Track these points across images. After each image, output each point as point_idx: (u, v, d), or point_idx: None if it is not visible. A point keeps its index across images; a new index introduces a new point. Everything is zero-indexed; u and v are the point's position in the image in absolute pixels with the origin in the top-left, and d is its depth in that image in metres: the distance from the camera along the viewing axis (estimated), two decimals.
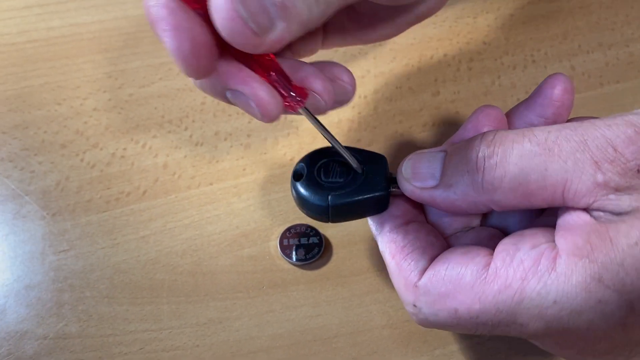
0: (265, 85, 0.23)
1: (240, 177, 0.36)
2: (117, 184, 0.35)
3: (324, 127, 0.26)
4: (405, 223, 0.28)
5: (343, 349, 0.31)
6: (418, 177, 0.26)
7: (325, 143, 0.36)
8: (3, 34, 0.42)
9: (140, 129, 0.38)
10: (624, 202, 0.23)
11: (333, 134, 0.27)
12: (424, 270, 0.25)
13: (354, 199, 0.27)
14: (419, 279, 0.25)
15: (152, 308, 0.31)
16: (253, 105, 0.23)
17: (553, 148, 0.23)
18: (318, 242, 0.33)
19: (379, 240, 0.28)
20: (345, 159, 0.28)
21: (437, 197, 0.26)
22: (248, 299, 0.32)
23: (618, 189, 0.22)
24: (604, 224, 0.23)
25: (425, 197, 0.26)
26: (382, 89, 0.40)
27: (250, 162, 0.36)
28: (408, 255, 0.26)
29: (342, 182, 0.28)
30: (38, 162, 0.36)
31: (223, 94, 0.24)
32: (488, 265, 0.24)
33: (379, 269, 0.33)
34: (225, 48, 0.22)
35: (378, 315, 0.32)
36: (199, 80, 0.24)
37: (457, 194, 0.25)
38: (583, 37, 0.43)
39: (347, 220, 0.29)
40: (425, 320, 0.26)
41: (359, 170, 0.28)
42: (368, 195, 0.27)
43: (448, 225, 0.28)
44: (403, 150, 0.37)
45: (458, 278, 0.24)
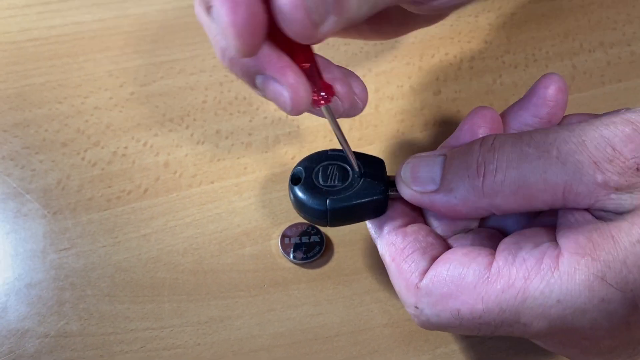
0: (301, 77, 0.22)
1: (242, 175, 0.36)
2: (118, 183, 0.35)
3: (340, 129, 0.26)
4: (404, 225, 0.27)
5: (344, 348, 0.31)
6: (417, 181, 0.26)
7: (326, 143, 0.36)
8: (4, 32, 0.42)
9: (142, 128, 0.38)
10: (625, 201, 0.23)
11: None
12: (425, 271, 0.25)
13: (353, 203, 0.27)
14: (420, 280, 0.25)
15: (153, 306, 0.31)
16: (285, 95, 0.22)
17: (551, 150, 0.23)
18: (319, 240, 0.33)
19: (378, 243, 0.28)
20: (348, 163, 0.28)
21: (437, 201, 0.26)
22: (249, 298, 0.32)
23: (619, 188, 0.22)
24: (606, 223, 0.23)
25: (425, 201, 0.26)
26: (383, 88, 0.40)
27: (252, 160, 0.36)
28: (408, 257, 0.26)
29: (340, 186, 0.27)
30: (39, 160, 0.36)
31: (253, 78, 0.23)
32: (490, 265, 0.24)
33: (380, 268, 0.33)
34: (270, 32, 0.21)
35: (379, 314, 0.32)
36: (231, 60, 0.23)
37: (457, 199, 0.25)
38: (584, 36, 0.43)
39: (345, 224, 0.29)
40: (427, 322, 0.25)
41: (359, 175, 0.28)
42: (367, 199, 0.27)
43: (447, 227, 0.28)
44: (404, 149, 0.37)
45: (460, 278, 0.24)
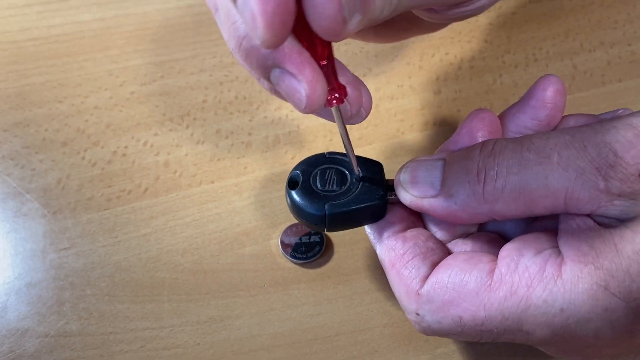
0: (320, 74, 0.22)
1: (242, 175, 0.36)
2: (118, 182, 0.35)
3: (347, 131, 0.26)
4: (403, 230, 0.27)
5: (344, 348, 0.31)
6: (417, 186, 0.26)
7: (326, 143, 0.36)
8: (4, 32, 0.42)
9: (142, 127, 0.38)
10: (628, 208, 0.22)
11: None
12: (426, 278, 0.25)
13: (352, 209, 0.27)
14: (421, 287, 0.25)
15: (153, 306, 0.31)
16: (301, 92, 0.21)
17: (552, 155, 0.23)
18: (319, 240, 0.33)
19: (377, 248, 0.28)
20: (346, 166, 0.27)
21: (437, 206, 0.25)
22: (249, 298, 0.32)
23: (621, 195, 0.22)
24: (608, 230, 0.22)
25: (425, 206, 0.26)
26: (383, 87, 0.40)
27: (252, 160, 0.36)
28: (408, 263, 0.26)
29: (338, 190, 0.27)
30: (39, 160, 0.36)
31: (268, 71, 0.22)
32: (492, 272, 0.24)
33: (380, 268, 0.33)
34: (293, 26, 0.21)
35: (379, 314, 0.32)
36: (248, 51, 0.22)
37: (457, 204, 0.25)
38: (585, 35, 0.43)
39: (344, 229, 0.28)
40: (428, 328, 0.25)
41: (357, 179, 0.27)
42: (366, 204, 0.27)
43: (446, 232, 0.28)
44: (404, 149, 0.37)
45: (462, 285, 0.24)
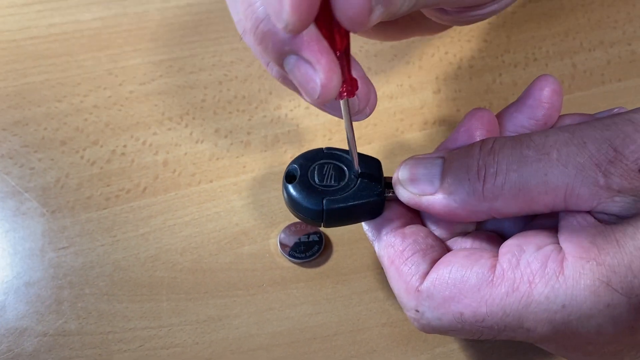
0: (337, 65, 0.21)
1: (241, 174, 0.36)
2: (117, 181, 0.35)
3: (352, 126, 0.25)
4: (402, 226, 0.27)
5: (342, 347, 0.31)
6: (415, 183, 0.26)
7: (325, 142, 0.36)
8: (3, 31, 0.42)
9: (141, 126, 0.38)
10: (628, 204, 0.22)
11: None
12: (426, 274, 0.25)
13: (350, 204, 0.27)
14: (421, 284, 0.25)
15: (151, 305, 0.31)
16: (316, 81, 0.21)
17: (551, 152, 0.23)
18: (318, 240, 0.33)
19: (376, 245, 0.28)
20: (344, 162, 0.27)
21: (435, 204, 0.25)
22: (248, 297, 0.32)
23: (621, 191, 0.22)
24: (609, 226, 0.22)
25: (424, 204, 0.26)
26: (383, 87, 0.40)
27: (251, 159, 0.36)
28: (408, 259, 0.26)
29: (337, 186, 0.27)
30: (38, 159, 0.36)
31: (282, 57, 0.21)
32: (494, 268, 0.24)
33: (379, 267, 0.33)
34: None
35: (378, 314, 0.31)
36: (266, 34, 0.21)
37: (457, 202, 0.25)
38: (585, 35, 0.43)
39: (340, 225, 0.28)
40: (428, 326, 0.25)
41: (355, 175, 0.27)
42: (364, 201, 0.27)
43: (445, 230, 0.28)
44: (403, 148, 0.37)
45: (463, 281, 0.24)
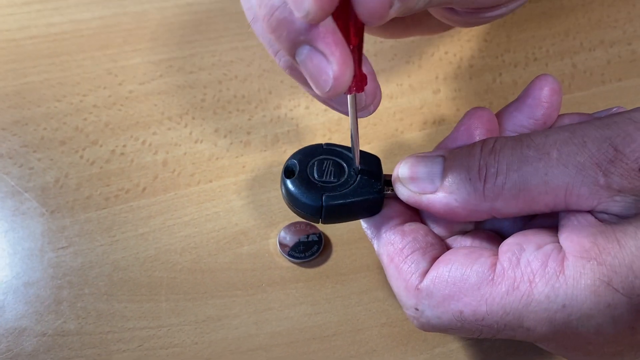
0: (350, 58, 0.21)
1: (240, 174, 0.36)
2: (116, 181, 0.35)
3: (357, 122, 0.25)
4: (401, 224, 0.27)
5: (342, 347, 0.30)
6: (416, 181, 0.26)
7: (324, 141, 0.36)
8: (3, 30, 0.42)
9: (140, 126, 0.37)
10: (629, 204, 0.22)
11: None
12: (425, 272, 0.25)
13: (349, 201, 0.26)
14: (421, 282, 0.25)
15: (150, 305, 0.31)
16: (329, 73, 0.20)
17: (551, 152, 0.23)
18: (317, 239, 0.33)
19: (375, 243, 0.28)
20: (344, 158, 0.27)
21: (436, 203, 0.25)
22: (247, 297, 0.32)
23: (622, 190, 0.22)
24: (610, 226, 0.22)
25: (424, 202, 0.26)
26: (382, 87, 0.40)
27: (250, 159, 0.36)
28: (408, 258, 0.26)
29: (336, 182, 0.27)
30: (37, 158, 0.36)
31: (295, 47, 0.21)
32: (494, 266, 0.23)
33: (379, 267, 0.33)
34: None
35: (377, 314, 0.31)
36: (281, 22, 0.21)
37: (457, 201, 0.25)
38: (585, 34, 0.43)
39: (338, 222, 0.28)
40: (427, 324, 0.25)
41: (355, 172, 0.27)
42: (364, 198, 0.27)
43: (444, 229, 0.28)
44: (403, 148, 0.37)
45: (463, 279, 0.24)
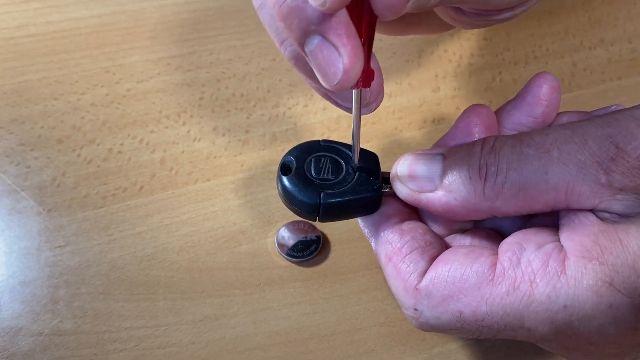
0: (361, 51, 0.20)
1: (238, 173, 0.36)
2: (113, 180, 0.35)
3: (360, 118, 0.25)
4: (400, 223, 0.27)
5: (340, 347, 0.30)
6: (415, 180, 0.25)
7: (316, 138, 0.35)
8: (1, 28, 0.41)
9: (138, 124, 0.37)
10: (631, 202, 0.22)
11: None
12: (424, 272, 0.25)
13: (347, 199, 0.26)
14: (420, 282, 0.24)
15: (148, 305, 0.31)
16: (339, 65, 0.20)
17: (552, 150, 0.23)
18: (315, 239, 0.33)
19: (373, 242, 0.27)
20: (342, 155, 0.27)
21: (435, 201, 0.25)
22: (245, 296, 0.32)
23: (623, 189, 0.22)
24: (612, 225, 0.22)
25: (423, 201, 0.25)
26: None
27: (248, 158, 0.36)
28: (406, 257, 0.25)
29: (334, 179, 0.27)
30: (34, 157, 0.36)
31: (306, 37, 0.21)
32: (494, 266, 0.23)
33: (377, 266, 0.33)
34: None
35: (376, 313, 0.31)
36: (293, 9, 0.20)
37: (457, 200, 0.24)
38: (585, 33, 0.43)
39: (336, 220, 0.28)
40: (426, 324, 0.25)
41: (353, 169, 0.27)
42: (362, 195, 0.26)
43: (443, 228, 0.28)
44: (402, 147, 0.37)
45: (463, 279, 0.23)
